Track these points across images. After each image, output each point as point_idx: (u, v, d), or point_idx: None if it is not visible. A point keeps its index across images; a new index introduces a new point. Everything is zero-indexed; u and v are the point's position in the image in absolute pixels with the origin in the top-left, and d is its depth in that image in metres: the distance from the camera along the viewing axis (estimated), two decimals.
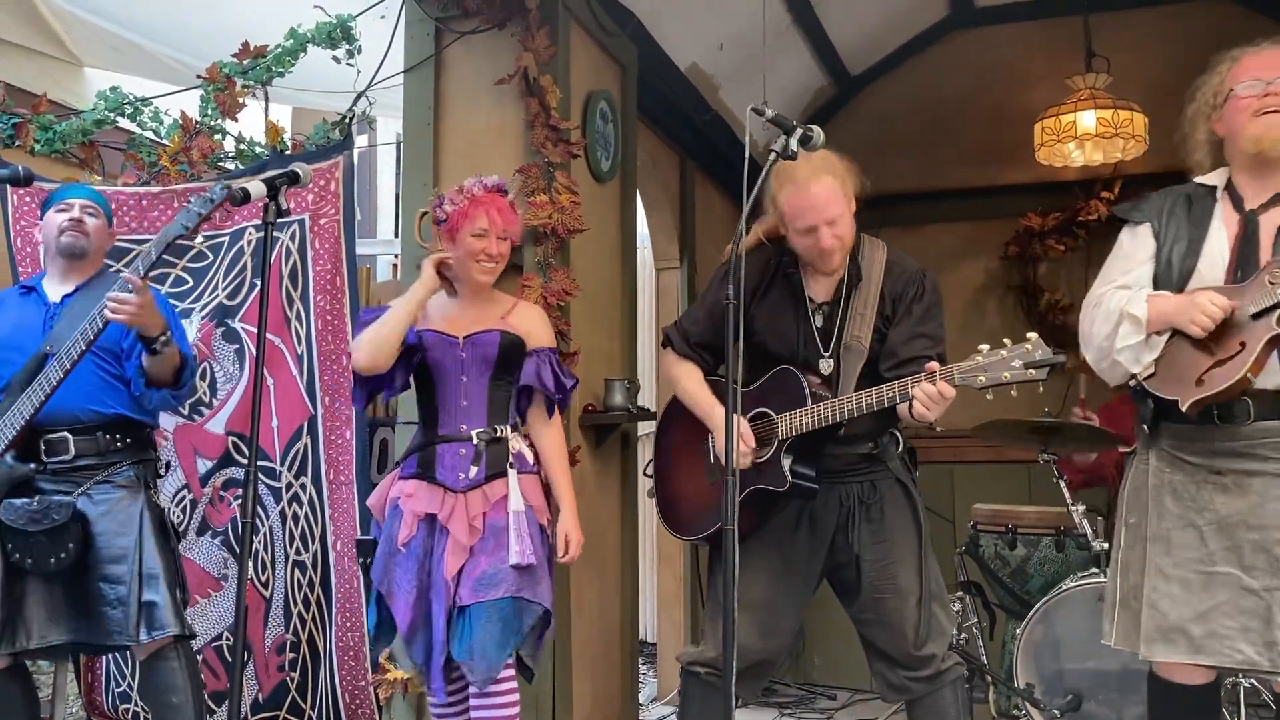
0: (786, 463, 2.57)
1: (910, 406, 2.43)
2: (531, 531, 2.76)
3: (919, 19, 5.62)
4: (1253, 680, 3.26)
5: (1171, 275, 2.41)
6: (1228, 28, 5.10)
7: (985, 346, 2.34)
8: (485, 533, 2.74)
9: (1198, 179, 2.50)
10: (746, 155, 2.30)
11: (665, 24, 4.27)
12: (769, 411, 2.62)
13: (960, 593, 3.92)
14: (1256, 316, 2.22)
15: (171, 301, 3.49)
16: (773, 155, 2.38)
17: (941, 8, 5.58)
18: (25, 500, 2.81)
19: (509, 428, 2.87)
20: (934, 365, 2.38)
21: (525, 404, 2.96)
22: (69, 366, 2.77)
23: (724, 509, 2.20)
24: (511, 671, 2.76)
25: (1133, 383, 2.46)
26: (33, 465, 2.85)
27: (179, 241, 2.64)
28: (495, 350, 2.84)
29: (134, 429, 2.99)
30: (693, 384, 2.79)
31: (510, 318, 2.91)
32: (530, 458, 2.89)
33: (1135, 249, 2.50)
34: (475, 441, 2.81)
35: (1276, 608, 2.24)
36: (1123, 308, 2.38)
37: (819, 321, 2.66)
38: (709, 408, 2.73)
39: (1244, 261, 2.33)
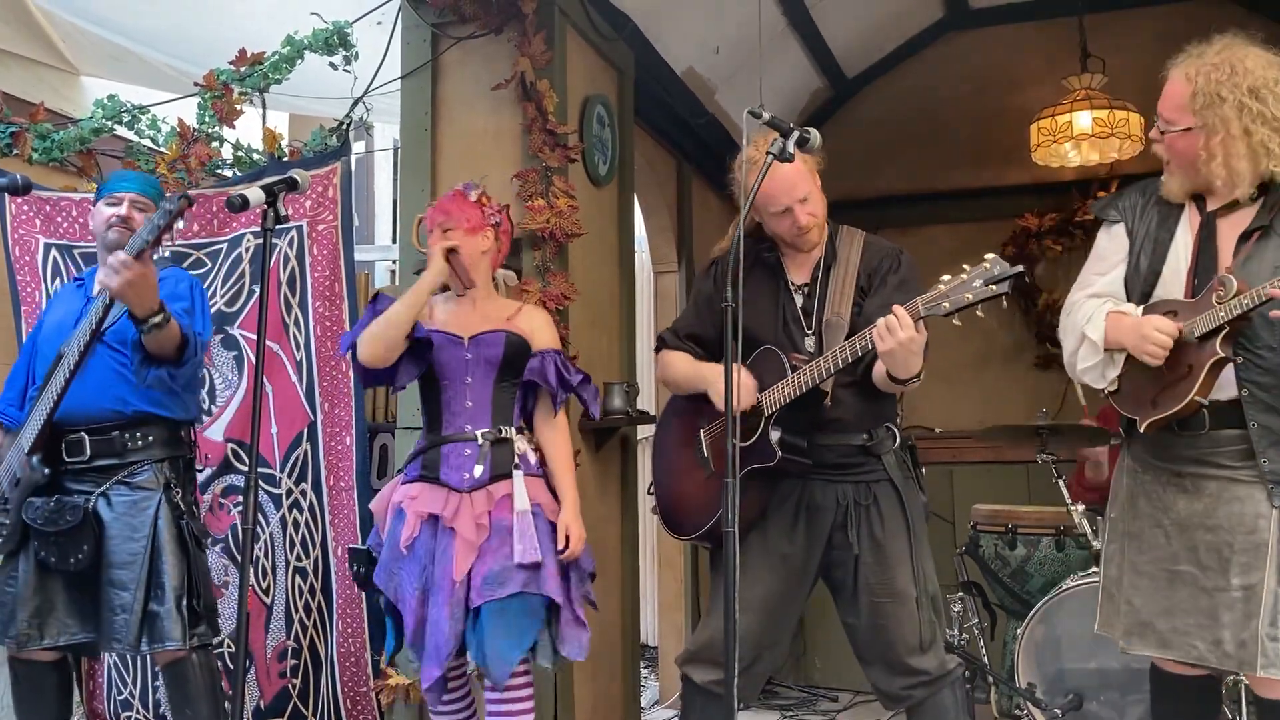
0: (774, 435, 2.59)
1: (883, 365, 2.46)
2: (541, 530, 2.76)
3: (914, 21, 5.64)
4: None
5: (1139, 279, 2.46)
6: (1224, 27, 5.13)
7: (946, 276, 2.35)
8: (491, 531, 2.74)
9: (1162, 192, 2.52)
10: (743, 158, 2.31)
11: (661, 28, 4.27)
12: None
13: (961, 593, 3.93)
14: (1203, 339, 2.27)
15: None
16: (769, 158, 2.38)
17: (936, 9, 5.59)
18: (44, 500, 2.80)
19: (514, 430, 2.87)
20: (899, 307, 2.38)
21: (531, 405, 2.96)
22: (76, 359, 2.75)
23: (724, 510, 2.21)
24: (528, 674, 2.76)
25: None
26: (47, 470, 2.82)
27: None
28: (501, 351, 2.84)
29: (157, 426, 2.91)
30: (684, 363, 2.84)
31: (516, 319, 2.92)
32: (534, 460, 2.89)
33: (1110, 250, 2.54)
34: (480, 442, 2.81)
35: (1223, 608, 2.31)
36: (1082, 329, 2.45)
37: (799, 301, 2.72)
38: (699, 369, 2.77)
39: (1202, 269, 2.37)
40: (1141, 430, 2.38)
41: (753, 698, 2.85)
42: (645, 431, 5.27)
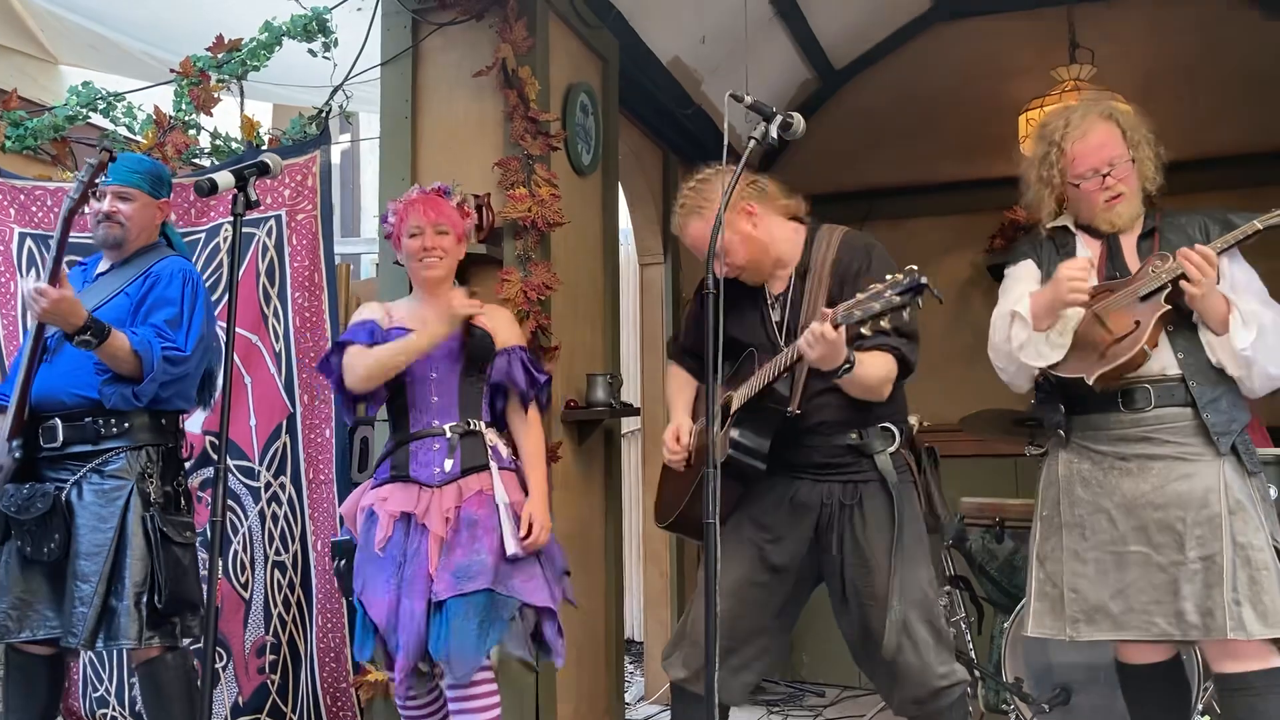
0: (731, 434, 2.57)
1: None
2: (516, 526, 2.74)
3: (902, 12, 5.59)
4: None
5: None
6: (1207, 17, 5.12)
7: (875, 285, 2.34)
8: (460, 525, 2.71)
9: (1049, 224, 2.74)
10: (725, 142, 2.28)
11: (646, 17, 4.23)
12: (732, 394, 2.67)
13: (948, 587, 3.89)
14: (1145, 298, 2.50)
15: None
16: (751, 142, 2.35)
17: (924, 0, 5.55)
18: (17, 488, 2.75)
19: (482, 423, 2.85)
20: (826, 311, 2.37)
21: (502, 404, 2.94)
22: (26, 354, 2.74)
23: (705, 503, 2.17)
24: (490, 672, 2.72)
25: (1040, 382, 2.72)
26: (18, 455, 2.78)
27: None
28: (460, 341, 2.81)
29: (135, 413, 2.84)
30: (671, 386, 2.91)
31: (475, 317, 2.88)
32: (506, 454, 2.86)
33: (1020, 277, 2.73)
34: (449, 435, 2.79)
35: (1183, 581, 2.43)
36: (1010, 309, 2.66)
37: (776, 315, 2.69)
38: (673, 403, 2.87)
39: (1118, 270, 2.61)
40: (1091, 383, 2.51)
41: (739, 696, 2.75)
42: (630, 424, 5.24)
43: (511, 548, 2.70)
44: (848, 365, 2.42)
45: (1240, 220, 2.52)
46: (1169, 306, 2.47)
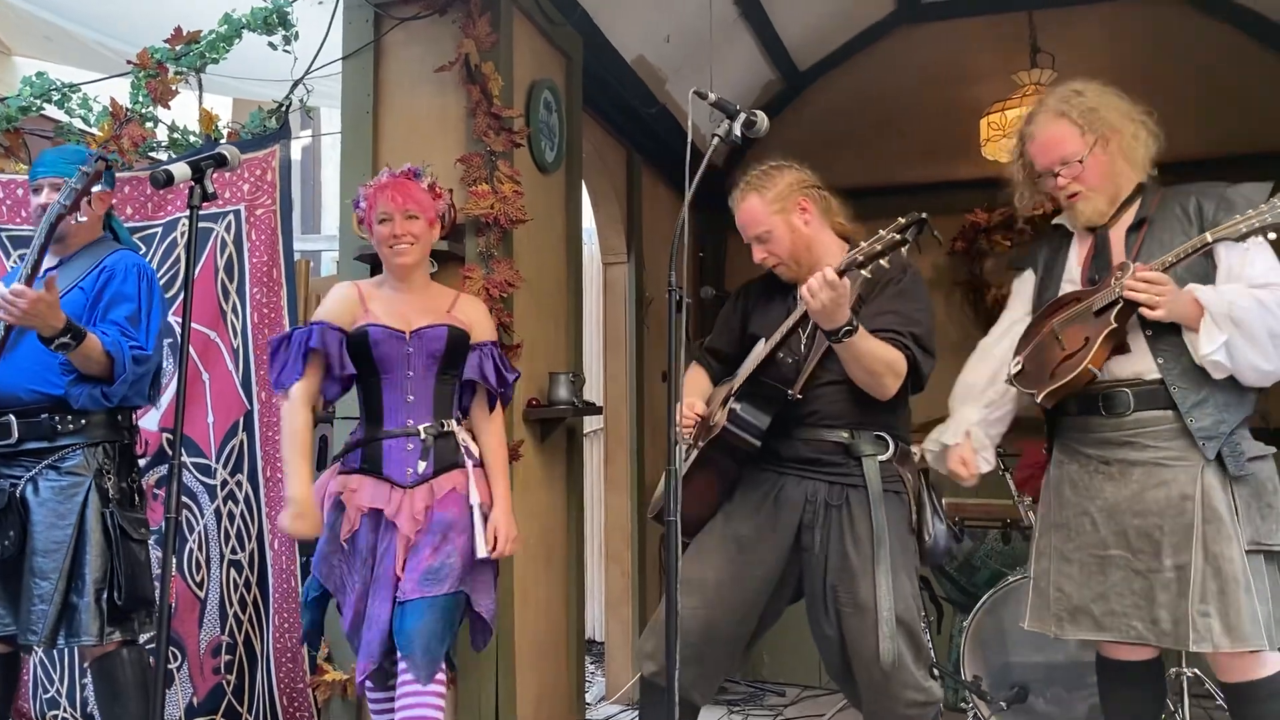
0: (732, 406, 2.61)
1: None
2: (485, 528, 2.74)
3: (866, 14, 5.61)
4: (1195, 670, 3.28)
5: (1041, 303, 2.70)
6: (1166, 23, 5.18)
7: (879, 231, 2.42)
8: (430, 527, 2.69)
9: (1054, 221, 2.77)
10: (689, 139, 2.27)
11: (611, 15, 4.21)
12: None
13: None
14: (1099, 313, 2.46)
15: None
16: (715, 140, 2.35)
17: (888, 3, 5.58)
18: None
19: (455, 423, 2.84)
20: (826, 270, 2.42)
21: (468, 399, 2.92)
22: None
23: (667, 499, 2.17)
24: (443, 672, 2.71)
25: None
26: None
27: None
28: (444, 345, 2.80)
29: (91, 410, 2.81)
30: (686, 383, 2.89)
31: (455, 311, 2.88)
32: (476, 452, 2.86)
33: (1018, 296, 2.81)
34: (423, 436, 2.77)
35: (1158, 588, 2.41)
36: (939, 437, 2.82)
37: (803, 309, 2.68)
38: (688, 391, 2.86)
39: (1098, 269, 2.57)
40: (1039, 401, 2.55)
41: (707, 693, 2.74)
42: (592, 423, 5.23)
43: (481, 551, 2.69)
44: (849, 327, 2.44)
45: (1236, 197, 2.44)
46: (1115, 325, 2.43)
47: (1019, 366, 2.64)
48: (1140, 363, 2.46)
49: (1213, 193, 2.49)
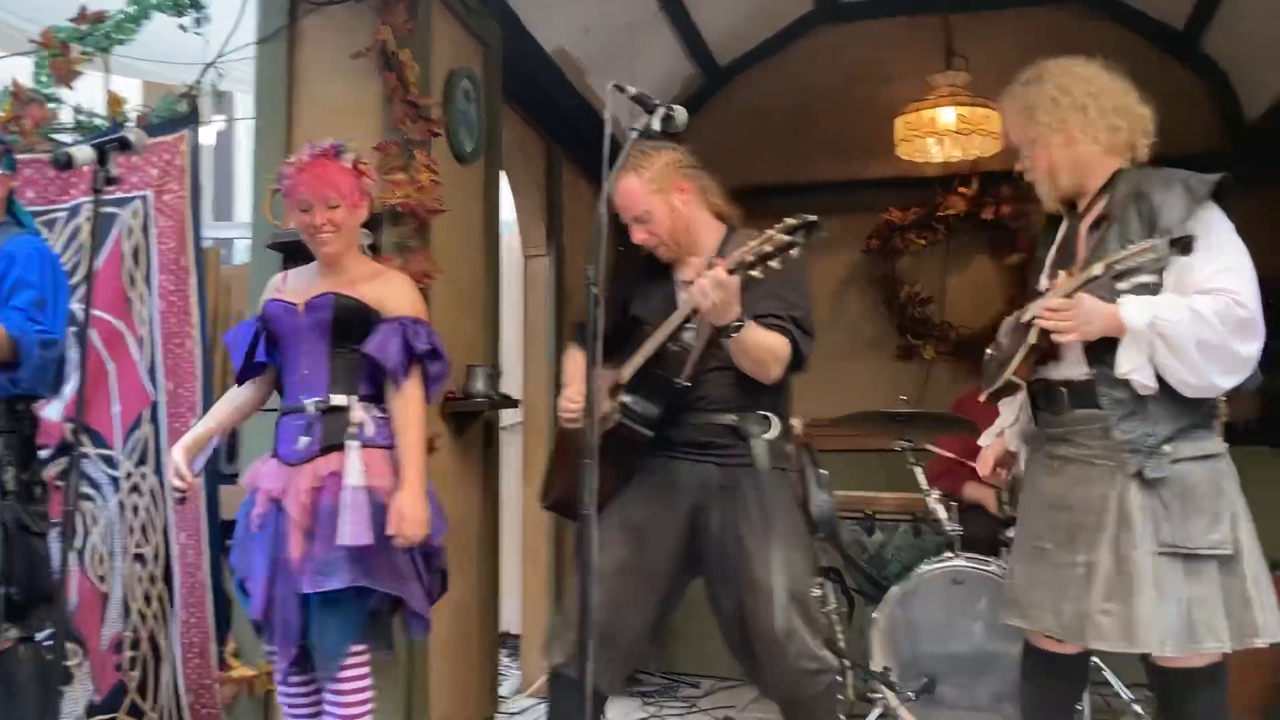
0: (623, 399, 2.62)
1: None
2: (373, 512, 2.57)
3: (785, 12, 5.66)
4: (1095, 660, 3.36)
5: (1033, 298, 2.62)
6: (1072, 30, 5.31)
7: (766, 230, 2.44)
8: (320, 514, 2.58)
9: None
10: (606, 132, 2.27)
11: (530, 5, 4.19)
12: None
13: (820, 579, 3.95)
14: (1023, 327, 2.46)
15: None
16: (633, 134, 2.35)
17: (807, 2, 5.63)
18: None
19: (354, 398, 2.68)
20: (718, 260, 2.45)
21: (383, 376, 2.77)
22: None
23: (583, 492, 2.17)
24: (361, 668, 2.64)
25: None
26: None
27: None
28: (329, 314, 2.67)
29: None
30: (570, 366, 2.90)
31: (361, 284, 2.73)
32: (372, 429, 2.67)
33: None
34: (309, 411, 2.65)
35: (1069, 583, 2.41)
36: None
37: (685, 297, 2.70)
38: (565, 378, 2.86)
39: (1061, 264, 2.51)
40: (983, 400, 2.59)
41: (614, 683, 2.75)
42: (510, 417, 5.19)
43: (345, 538, 2.51)
44: (738, 323, 2.47)
45: (1200, 186, 2.32)
46: (1034, 342, 2.40)
47: (987, 358, 2.64)
48: (1073, 369, 2.43)
49: (1178, 187, 2.35)
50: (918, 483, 3.76)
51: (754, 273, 2.41)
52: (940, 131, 4.98)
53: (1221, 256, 2.28)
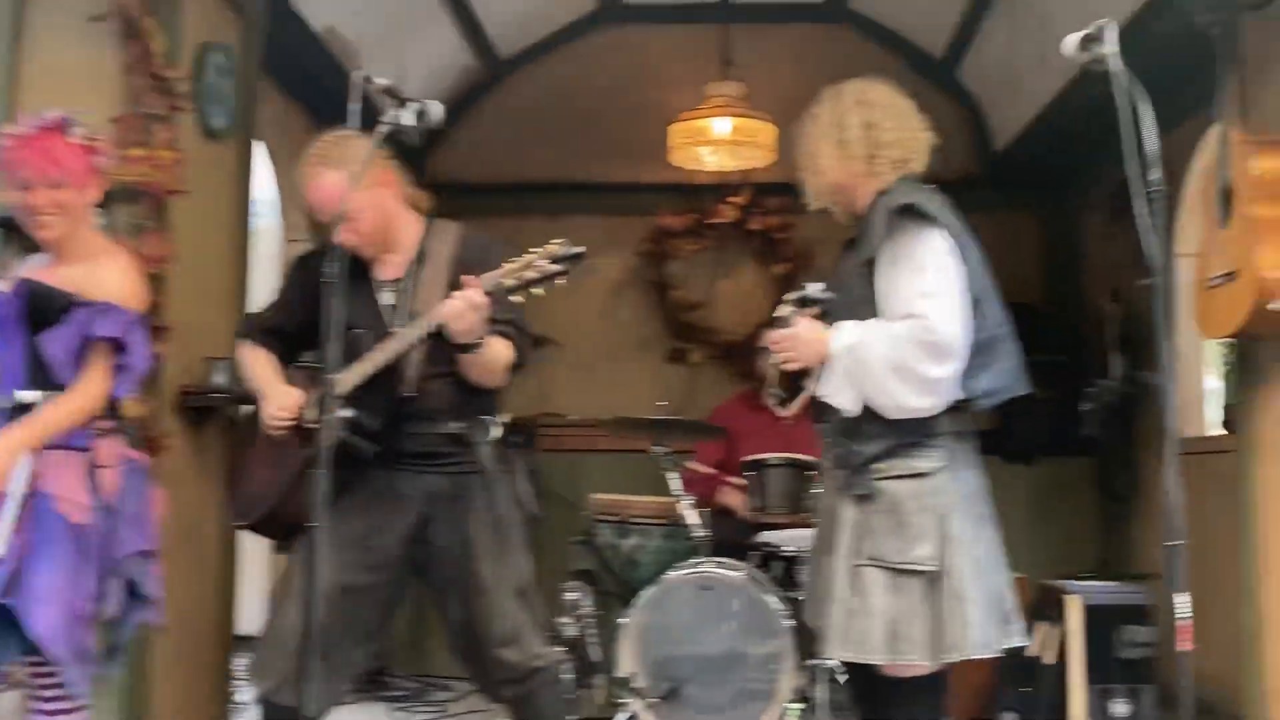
0: (345, 414, 2.47)
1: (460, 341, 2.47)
2: (45, 524, 2.33)
3: (568, 9, 5.64)
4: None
5: None
6: (844, 51, 5.51)
7: (527, 255, 2.41)
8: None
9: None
10: (347, 126, 2.20)
11: None
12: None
13: (574, 582, 3.95)
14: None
15: None
16: (384, 128, 2.28)
17: (589, 1, 5.62)
18: None
19: (48, 394, 2.43)
20: (471, 279, 2.41)
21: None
22: None
23: (313, 505, 2.09)
24: (55, 679, 2.41)
25: None
26: None
27: None
28: (22, 302, 2.44)
29: None
30: (254, 366, 2.75)
31: (63, 269, 2.49)
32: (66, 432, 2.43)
33: None
34: (5, 408, 2.43)
35: (820, 587, 2.48)
36: None
37: (388, 298, 2.68)
38: (259, 377, 2.72)
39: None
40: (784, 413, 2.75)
41: (329, 706, 2.61)
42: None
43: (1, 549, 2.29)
44: (480, 341, 2.45)
45: (895, 211, 2.36)
46: (776, 365, 2.54)
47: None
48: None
49: (874, 214, 2.41)
50: (673, 488, 3.80)
51: (515, 298, 2.41)
52: (714, 141, 5.06)
53: (920, 280, 2.32)
